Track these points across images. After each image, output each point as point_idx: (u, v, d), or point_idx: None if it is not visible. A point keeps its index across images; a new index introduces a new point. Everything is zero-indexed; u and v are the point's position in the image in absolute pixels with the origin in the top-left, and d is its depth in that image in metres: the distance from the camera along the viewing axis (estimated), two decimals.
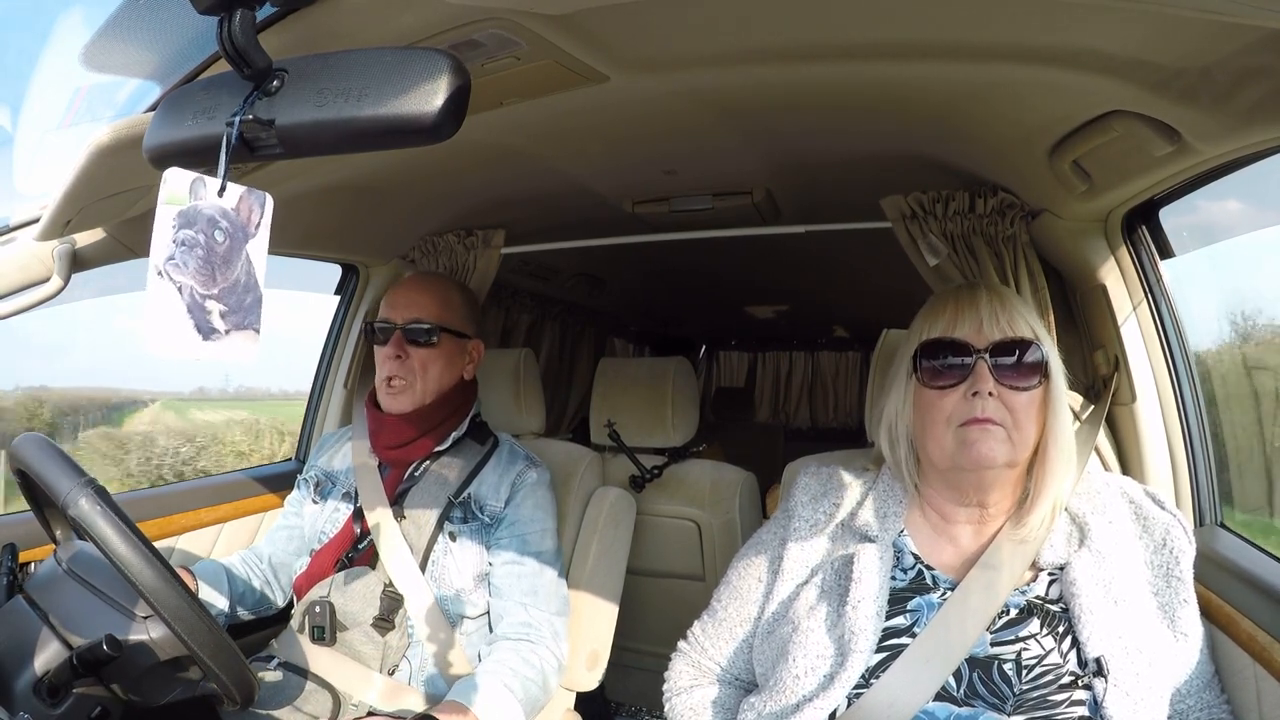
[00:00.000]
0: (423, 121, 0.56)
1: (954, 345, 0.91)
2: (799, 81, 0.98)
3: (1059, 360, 0.94)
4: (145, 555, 0.80)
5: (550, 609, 1.30)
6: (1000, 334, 0.90)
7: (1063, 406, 0.92)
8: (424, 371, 1.36)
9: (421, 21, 0.71)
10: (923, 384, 0.93)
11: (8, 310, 1.04)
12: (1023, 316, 0.92)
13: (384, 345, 1.37)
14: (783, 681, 0.89)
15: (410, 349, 1.36)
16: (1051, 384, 0.91)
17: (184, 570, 1.26)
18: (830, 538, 1.00)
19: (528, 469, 1.39)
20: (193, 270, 0.59)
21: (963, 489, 0.94)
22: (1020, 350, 0.90)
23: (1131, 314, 1.21)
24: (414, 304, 1.38)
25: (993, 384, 0.89)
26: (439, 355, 1.38)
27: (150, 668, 0.87)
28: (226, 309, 0.61)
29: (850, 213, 1.62)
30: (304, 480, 1.48)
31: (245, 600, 1.37)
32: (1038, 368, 0.90)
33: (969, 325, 0.92)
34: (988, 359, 0.90)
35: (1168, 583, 0.89)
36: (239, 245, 0.62)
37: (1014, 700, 0.82)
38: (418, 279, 1.46)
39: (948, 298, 0.96)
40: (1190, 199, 1.09)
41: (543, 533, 1.35)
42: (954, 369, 0.91)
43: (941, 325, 0.93)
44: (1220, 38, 0.69)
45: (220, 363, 0.67)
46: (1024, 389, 0.89)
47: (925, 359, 0.93)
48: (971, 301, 0.93)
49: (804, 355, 4.73)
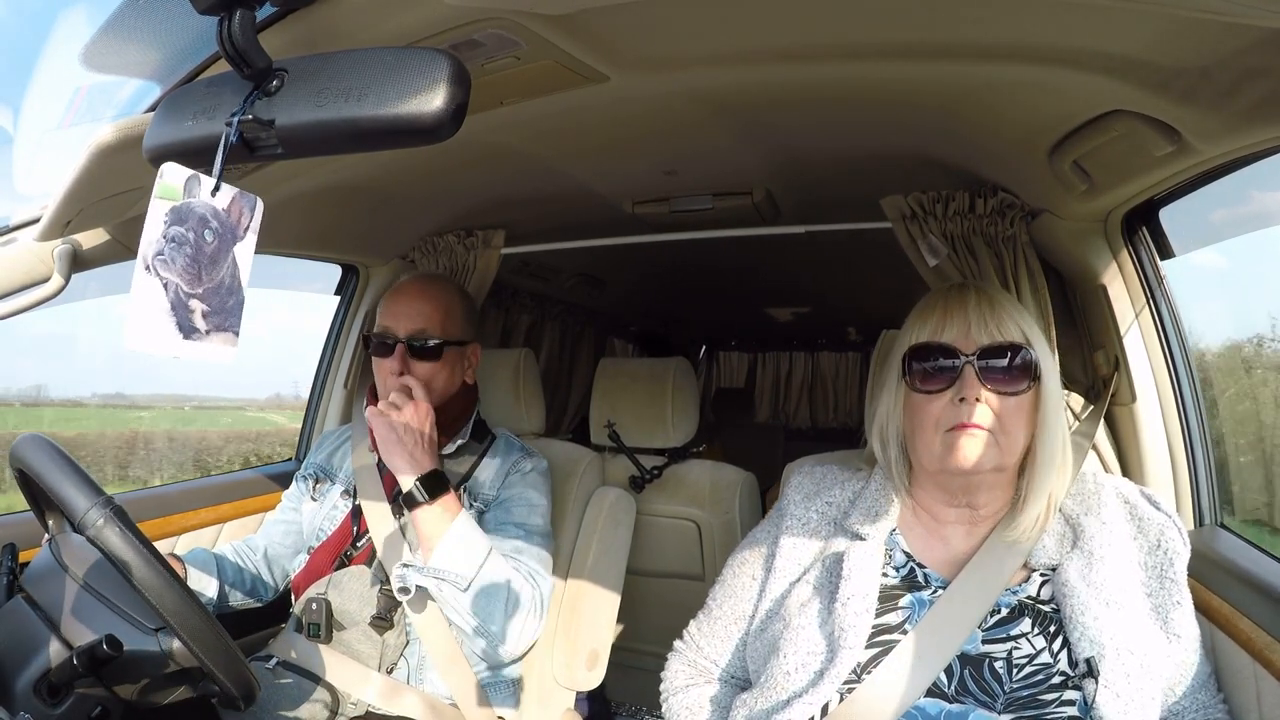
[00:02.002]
0: (423, 121, 0.56)
1: (941, 349, 0.91)
2: (799, 81, 0.98)
3: (1051, 362, 0.93)
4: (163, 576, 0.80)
5: (536, 562, 1.29)
6: (988, 338, 0.90)
7: (1054, 409, 0.91)
8: (427, 385, 1.32)
9: (421, 21, 0.71)
10: (911, 387, 0.93)
11: (8, 310, 1.04)
12: (1012, 319, 0.91)
13: (385, 359, 1.33)
14: (774, 678, 0.89)
15: (414, 363, 1.32)
16: (1042, 387, 0.90)
17: (173, 558, 1.26)
18: (822, 536, 1.00)
19: (524, 458, 1.40)
20: (180, 267, 0.59)
21: (952, 491, 0.95)
22: (1009, 354, 0.89)
23: (1131, 314, 1.21)
24: (417, 314, 1.34)
25: (980, 389, 0.88)
26: (442, 367, 1.35)
27: (151, 669, 0.87)
28: (209, 309, 0.61)
29: (850, 213, 1.62)
30: (302, 477, 1.48)
31: (235, 590, 1.36)
32: (1026, 371, 0.89)
33: (956, 329, 0.91)
34: (975, 363, 0.89)
35: (1161, 584, 0.89)
36: (227, 246, 0.62)
37: (1004, 698, 0.83)
38: (418, 285, 1.41)
39: (936, 300, 0.96)
40: (1190, 199, 1.09)
41: (530, 508, 1.34)
42: (941, 373, 0.91)
43: (929, 328, 0.93)
44: (1220, 38, 0.69)
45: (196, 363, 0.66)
46: (1012, 393, 0.89)
47: (914, 362, 0.93)
48: (960, 304, 0.93)
49: (804, 355, 4.72)
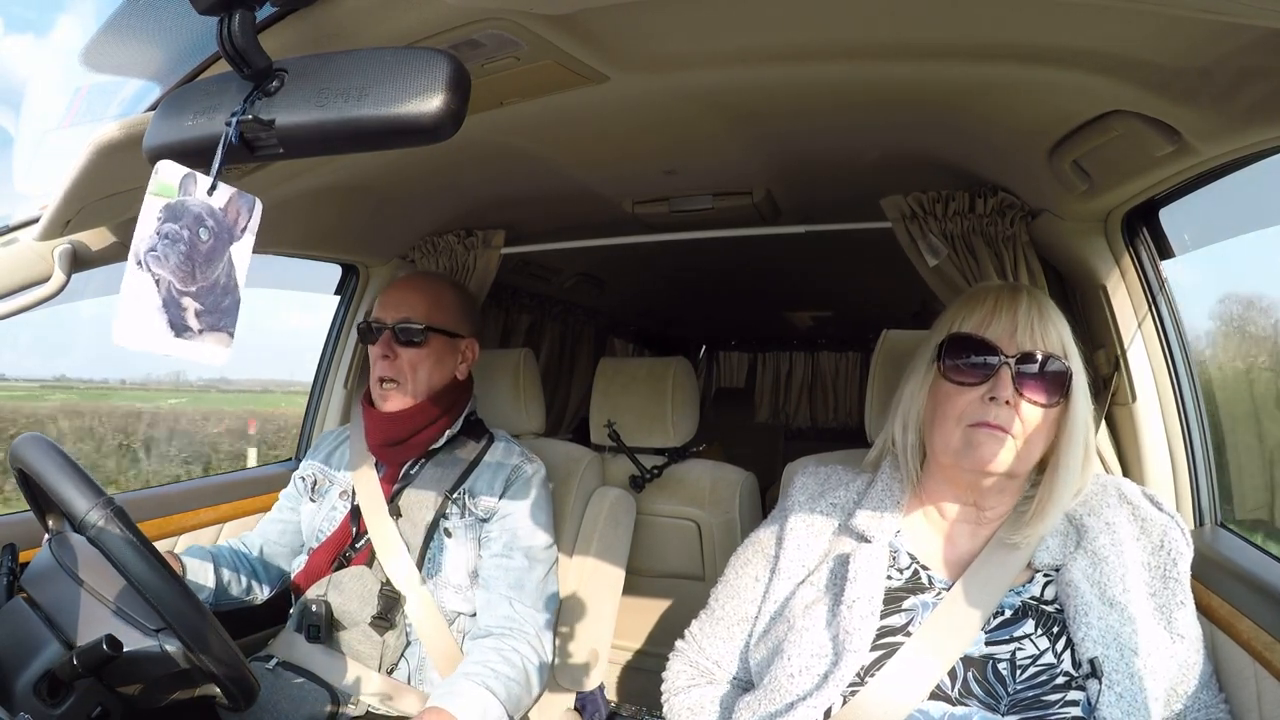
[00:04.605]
0: (423, 121, 0.56)
1: (983, 345, 0.90)
2: (799, 81, 0.98)
3: (1084, 381, 0.92)
4: (163, 575, 0.80)
5: (535, 605, 1.29)
6: (1031, 344, 0.89)
7: (1078, 428, 0.90)
8: (413, 372, 1.36)
9: (421, 21, 0.71)
10: (943, 376, 0.92)
11: (8, 310, 1.04)
12: (1058, 331, 0.91)
13: (374, 344, 1.37)
14: (778, 680, 0.89)
15: (399, 349, 1.36)
16: (1071, 404, 0.90)
17: (171, 556, 1.26)
18: (827, 537, 1.00)
19: (523, 464, 1.39)
20: (173, 265, 0.58)
21: (960, 486, 0.95)
22: (1048, 364, 0.88)
23: (1132, 314, 1.21)
24: (404, 303, 1.38)
25: (1011, 392, 0.87)
26: (428, 355, 1.37)
27: (151, 669, 0.87)
28: (202, 308, 0.60)
29: (850, 213, 1.62)
30: (300, 478, 1.48)
31: (231, 587, 1.36)
32: (1060, 386, 0.89)
33: (1002, 328, 0.90)
34: (1013, 366, 0.88)
35: (1165, 584, 0.89)
36: (223, 246, 0.61)
37: (1008, 700, 0.82)
38: (410, 278, 1.45)
39: (989, 294, 0.94)
40: (1190, 199, 1.09)
41: (534, 528, 1.34)
42: (977, 368, 0.90)
43: (975, 321, 0.92)
44: (1220, 38, 0.69)
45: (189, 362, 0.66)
46: (1042, 404, 0.88)
47: (951, 351, 0.92)
48: (1011, 304, 0.91)
49: (804, 355, 4.72)
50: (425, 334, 1.37)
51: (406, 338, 1.36)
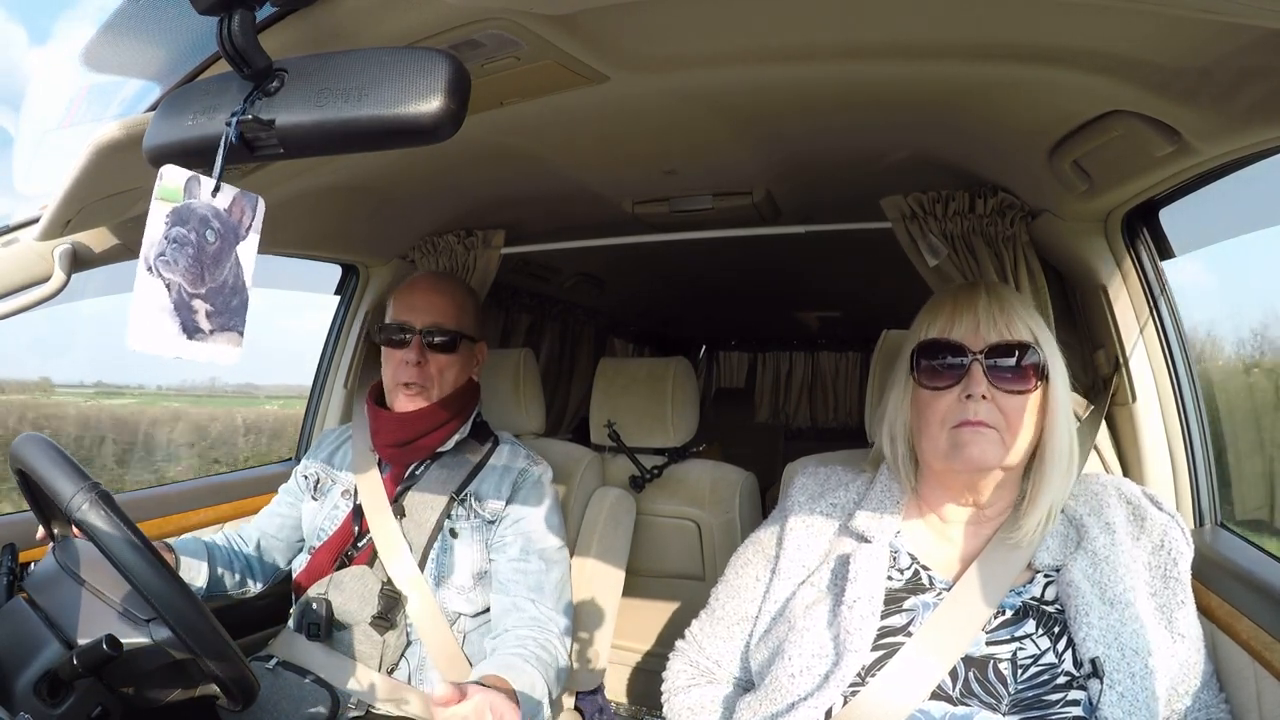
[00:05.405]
0: (422, 121, 0.56)
1: (950, 346, 0.91)
2: (799, 81, 0.98)
3: (1060, 362, 0.93)
4: (149, 559, 0.80)
5: (556, 608, 1.30)
6: (997, 336, 0.90)
7: (1062, 410, 0.91)
8: (440, 376, 1.37)
9: (421, 21, 0.71)
10: (919, 384, 0.94)
11: (8, 309, 1.04)
12: (1021, 319, 0.92)
13: (401, 349, 1.36)
14: (778, 680, 0.89)
15: (430, 354, 1.36)
16: (1050, 387, 0.91)
17: (163, 546, 1.25)
18: (827, 537, 1.00)
19: (530, 466, 1.39)
20: (182, 268, 0.59)
21: (956, 489, 0.95)
22: (1017, 353, 0.90)
23: (1132, 314, 1.21)
24: (433, 308, 1.38)
25: (986, 386, 0.89)
26: (456, 360, 1.39)
27: (151, 668, 0.87)
28: (213, 309, 0.61)
29: (850, 213, 1.62)
30: (303, 475, 1.48)
31: (225, 579, 1.36)
32: (1034, 371, 0.90)
33: (965, 326, 0.92)
34: (983, 361, 0.89)
35: (1165, 584, 0.89)
36: (229, 246, 0.62)
37: (1009, 700, 0.82)
38: (432, 281, 1.44)
39: (946, 297, 0.96)
40: (1190, 199, 1.09)
41: (546, 530, 1.34)
42: (949, 370, 0.91)
43: (939, 325, 0.93)
44: (1220, 38, 0.69)
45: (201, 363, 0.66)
46: (1019, 392, 0.89)
47: (922, 359, 0.94)
48: (969, 302, 0.93)
49: (804, 355, 4.72)
50: (456, 340, 1.38)
51: (438, 343, 1.36)
